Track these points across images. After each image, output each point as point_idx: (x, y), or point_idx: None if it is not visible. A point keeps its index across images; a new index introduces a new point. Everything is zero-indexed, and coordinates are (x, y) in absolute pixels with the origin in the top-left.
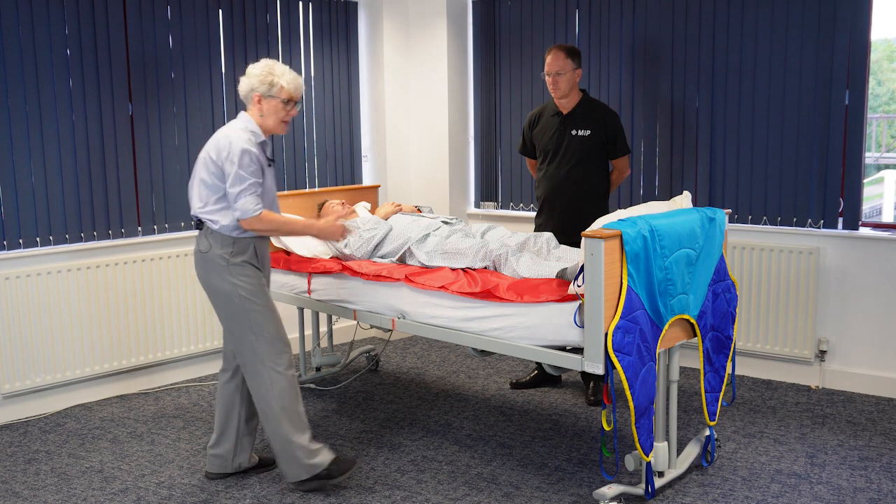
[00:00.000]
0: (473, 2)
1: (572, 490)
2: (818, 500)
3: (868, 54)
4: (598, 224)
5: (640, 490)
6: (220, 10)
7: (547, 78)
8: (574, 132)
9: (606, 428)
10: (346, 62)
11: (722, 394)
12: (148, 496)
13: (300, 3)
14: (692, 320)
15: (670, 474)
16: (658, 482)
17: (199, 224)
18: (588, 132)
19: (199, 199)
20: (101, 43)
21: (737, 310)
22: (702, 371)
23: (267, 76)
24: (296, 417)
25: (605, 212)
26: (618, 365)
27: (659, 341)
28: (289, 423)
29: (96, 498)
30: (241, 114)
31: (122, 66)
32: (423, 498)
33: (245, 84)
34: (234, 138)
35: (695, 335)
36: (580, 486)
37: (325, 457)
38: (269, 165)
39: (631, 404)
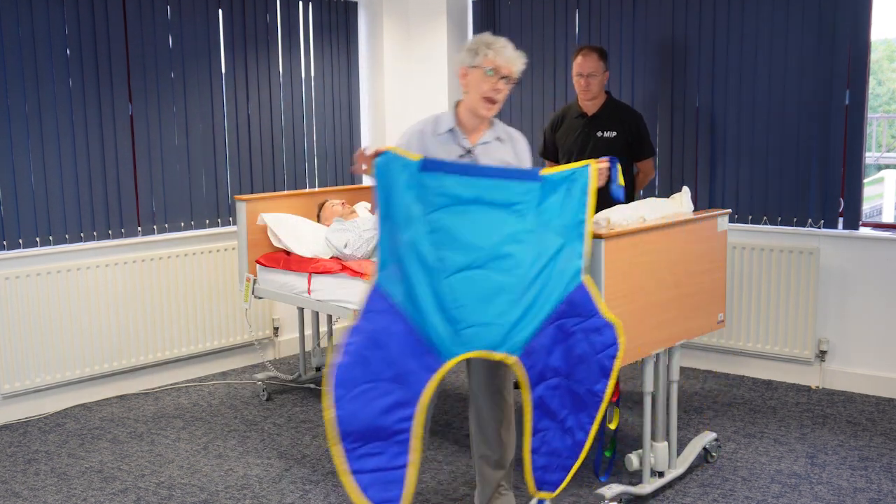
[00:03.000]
0: (473, 2)
1: (572, 490)
2: (818, 500)
3: (868, 54)
4: (596, 220)
5: (640, 490)
6: (220, 10)
7: (578, 79)
8: (599, 134)
9: (610, 426)
10: (346, 62)
11: (579, 462)
12: (148, 496)
13: (300, 3)
14: (502, 357)
15: (670, 474)
16: (658, 482)
17: None
18: (614, 134)
19: None
20: (101, 43)
21: (616, 362)
22: (528, 431)
23: (474, 45)
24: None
25: None
26: (331, 360)
27: (435, 375)
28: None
29: (96, 498)
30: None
31: (122, 66)
32: (424, 498)
33: (457, 58)
34: (409, 126)
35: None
36: (580, 486)
37: None
38: (462, 156)
39: (330, 417)
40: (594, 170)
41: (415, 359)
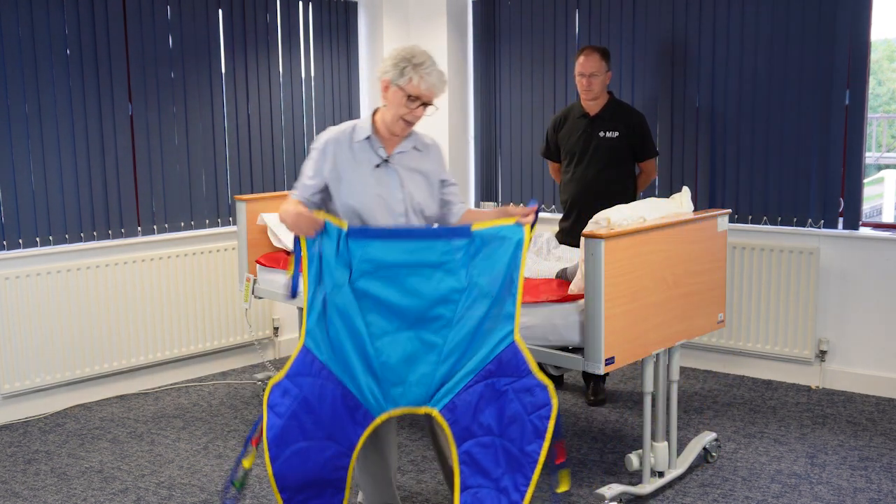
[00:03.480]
0: (473, 2)
1: (572, 490)
2: (818, 500)
3: (868, 54)
4: (595, 220)
5: (640, 490)
6: (220, 10)
7: (580, 79)
8: (602, 134)
9: (557, 491)
10: (346, 62)
11: None
12: (148, 496)
13: (300, 3)
14: (426, 410)
15: (670, 474)
16: (658, 482)
17: None
18: (616, 134)
19: None
20: (101, 43)
21: (550, 423)
22: (457, 487)
23: (399, 60)
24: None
25: None
26: (264, 418)
27: (367, 430)
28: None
29: (96, 498)
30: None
31: (122, 66)
32: (423, 498)
33: (381, 65)
34: (326, 131)
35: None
36: (580, 486)
37: None
38: (378, 165)
39: (269, 471)
40: (528, 233)
41: (347, 416)
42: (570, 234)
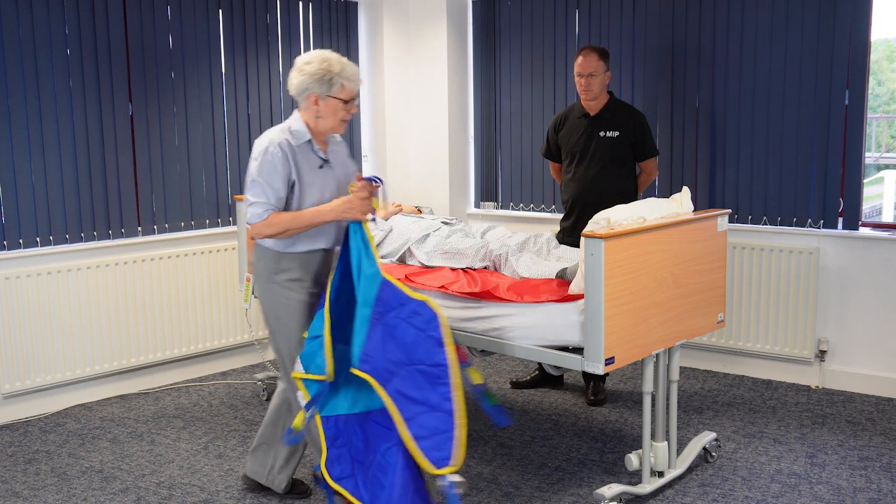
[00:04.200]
0: (473, 2)
1: (572, 490)
2: (818, 500)
3: (868, 54)
4: (595, 220)
5: (640, 490)
6: (220, 10)
7: (579, 79)
8: (602, 134)
9: (477, 382)
10: None
11: (464, 431)
12: (148, 496)
13: (300, 3)
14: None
15: (670, 474)
16: (658, 482)
17: None
18: (616, 133)
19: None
20: (101, 43)
21: (444, 330)
22: (402, 425)
23: (323, 74)
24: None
25: None
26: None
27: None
28: (278, 439)
29: (96, 498)
30: (294, 112)
31: (122, 66)
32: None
33: (296, 81)
34: (266, 140)
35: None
36: (580, 486)
37: (283, 486)
38: (322, 167)
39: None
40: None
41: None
42: (570, 234)
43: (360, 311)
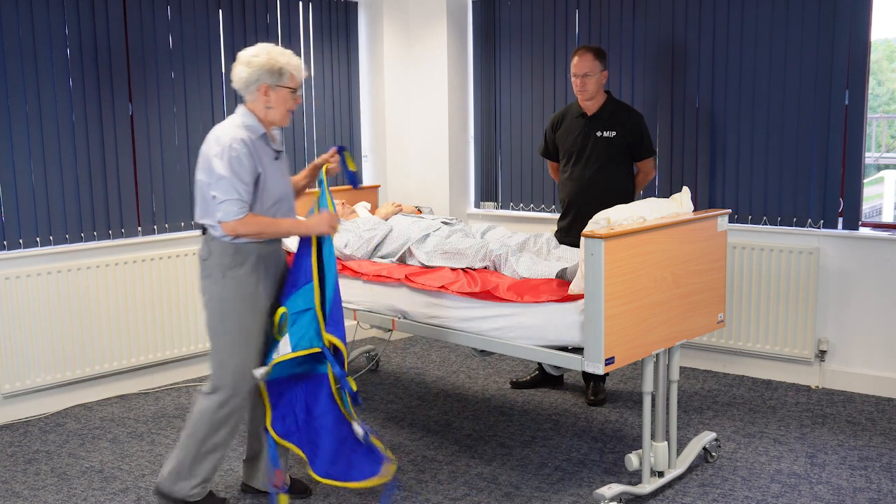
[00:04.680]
0: (473, 2)
1: (572, 490)
2: (818, 500)
3: (868, 54)
4: (595, 220)
5: (640, 490)
6: (220, 10)
7: (574, 79)
8: (599, 133)
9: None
10: (346, 62)
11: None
12: (148, 496)
13: (300, 3)
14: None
15: (670, 474)
16: (658, 482)
17: (204, 229)
18: (613, 133)
19: (202, 204)
20: (101, 43)
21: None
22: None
23: (273, 64)
24: (209, 449)
25: None
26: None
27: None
28: (198, 448)
29: (96, 498)
30: (240, 107)
31: (122, 66)
32: (423, 498)
33: (245, 74)
34: (225, 136)
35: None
36: (580, 486)
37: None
38: (277, 158)
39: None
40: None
41: None
42: (567, 234)
43: (329, 277)
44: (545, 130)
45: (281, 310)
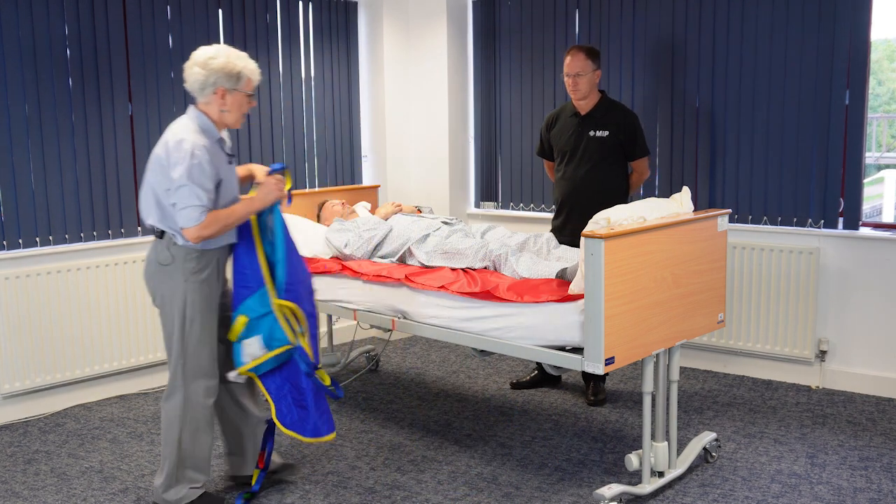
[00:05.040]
0: (473, 2)
1: (572, 490)
2: (818, 500)
3: (868, 54)
4: (595, 220)
5: (640, 490)
6: (220, 10)
7: (566, 79)
8: (592, 133)
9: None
10: (346, 62)
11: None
12: (148, 496)
13: (300, 3)
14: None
15: (670, 474)
16: (658, 482)
17: (161, 233)
18: (606, 133)
19: (157, 209)
20: (101, 43)
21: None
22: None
23: (232, 67)
24: (189, 450)
25: None
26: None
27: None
28: (178, 451)
29: (96, 498)
30: (191, 109)
31: (122, 66)
32: (423, 498)
33: (202, 76)
34: (186, 143)
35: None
36: (580, 486)
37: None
38: (230, 162)
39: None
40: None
41: None
42: (560, 232)
43: (278, 250)
44: (541, 130)
45: (242, 318)
